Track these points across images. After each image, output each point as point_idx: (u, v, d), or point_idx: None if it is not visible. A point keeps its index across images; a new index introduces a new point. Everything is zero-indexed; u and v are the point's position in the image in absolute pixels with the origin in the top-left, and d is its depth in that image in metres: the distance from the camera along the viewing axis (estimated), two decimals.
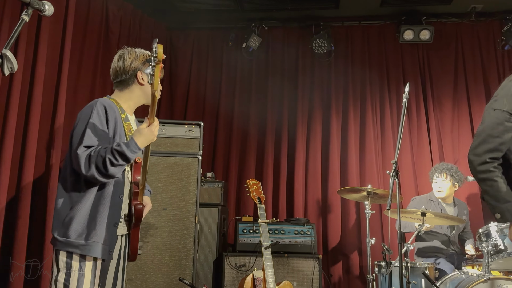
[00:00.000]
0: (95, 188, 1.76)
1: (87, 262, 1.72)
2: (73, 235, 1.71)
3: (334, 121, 4.60)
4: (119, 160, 1.69)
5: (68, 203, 1.75)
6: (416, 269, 3.13)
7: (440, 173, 3.70)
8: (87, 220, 1.73)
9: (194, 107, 4.78)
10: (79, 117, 1.82)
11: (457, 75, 4.64)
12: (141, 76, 1.95)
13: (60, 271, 1.72)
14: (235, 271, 3.58)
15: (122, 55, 1.97)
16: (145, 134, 1.75)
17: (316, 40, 4.57)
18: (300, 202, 4.46)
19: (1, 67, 1.35)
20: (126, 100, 1.96)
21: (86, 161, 1.69)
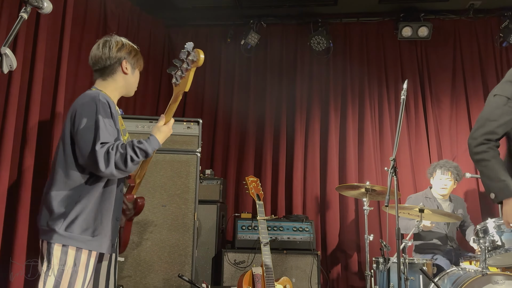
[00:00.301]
0: (101, 183, 1.75)
1: (82, 258, 1.70)
2: (78, 230, 1.69)
3: (332, 118, 4.61)
4: (140, 156, 1.71)
5: (72, 197, 1.72)
6: (414, 265, 3.15)
7: (447, 170, 3.70)
8: (94, 215, 1.72)
9: (192, 104, 4.79)
10: (80, 111, 1.77)
11: (455, 72, 4.65)
12: (125, 66, 1.93)
13: (52, 267, 1.68)
14: (234, 268, 3.60)
15: (108, 41, 1.94)
16: (164, 132, 1.79)
17: (315, 37, 4.57)
18: (299, 199, 4.47)
19: (0, 65, 1.35)
20: (111, 91, 1.93)
21: (104, 158, 1.66)
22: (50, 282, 1.67)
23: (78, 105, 1.80)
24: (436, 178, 3.78)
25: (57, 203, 1.72)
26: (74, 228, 1.69)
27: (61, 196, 1.72)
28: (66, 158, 1.76)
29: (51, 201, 1.73)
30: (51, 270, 1.68)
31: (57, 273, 1.67)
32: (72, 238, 1.69)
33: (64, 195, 1.72)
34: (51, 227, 1.70)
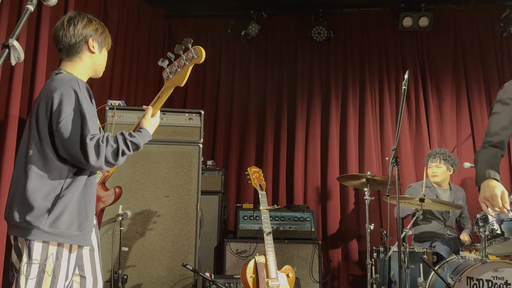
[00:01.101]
0: (84, 176, 1.67)
1: (64, 252, 1.62)
2: (63, 226, 1.60)
3: (333, 109, 4.62)
4: (131, 150, 1.66)
5: (54, 191, 1.61)
6: (414, 254, 3.19)
7: (434, 158, 3.76)
8: (78, 209, 1.65)
9: (193, 95, 4.79)
10: (59, 97, 1.62)
11: (455, 62, 4.66)
12: (92, 44, 1.80)
13: (32, 264, 1.58)
14: (236, 257, 3.64)
15: (72, 18, 1.80)
16: (153, 124, 1.76)
17: (315, 27, 4.57)
18: (300, 189, 4.50)
19: (8, 57, 1.36)
20: (80, 73, 1.80)
21: (95, 151, 1.58)
22: (33, 276, 1.58)
23: (55, 91, 1.64)
24: (428, 166, 3.83)
25: (37, 198, 1.59)
26: (59, 224, 1.60)
27: (42, 191, 1.61)
28: (44, 150, 1.64)
29: (29, 196, 1.59)
30: (32, 266, 1.58)
31: (39, 268, 1.58)
32: (57, 235, 1.60)
33: (44, 190, 1.61)
34: (31, 224, 1.58)
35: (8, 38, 1.37)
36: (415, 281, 3.14)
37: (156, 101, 1.76)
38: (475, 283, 2.81)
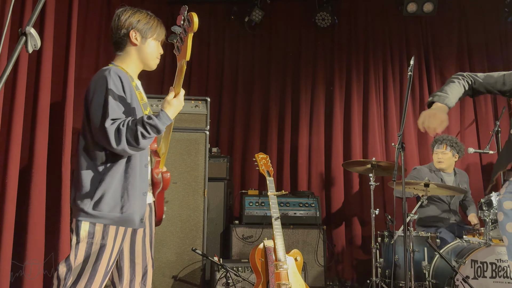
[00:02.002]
0: (123, 160, 1.74)
1: (110, 233, 1.71)
2: (106, 208, 1.70)
3: (337, 95, 4.63)
4: (151, 133, 1.67)
5: (96, 176, 1.72)
6: (419, 238, 3.24)
7: (440, 144, 3.78)
8: (120, 192, 1.72)
9: (197, 82, 4.79)
10: (93, 87, 1.74)
11: (460, 47, 4.66)
12: (135, 36, 1.84)
13: (80, 241, 1.69)
14: (243, 242, 3.69)
15: (117, 13, 1.87)
16: (175, 106, 1.73)
17: (319, 13, 4.55)
18: (304, 175, 4.54)
19: (25, 45, 1.37)
20: (128, 65, 1.88)
21: (115, 135, 1.64)
22: (81, 253, 1.69)
23: (92, 81, 1.76)
24: (434, 152, 3.85)
25: (82, 182, 1.71)
26: (102, 206, 1.70)
27: (86, 175, 1.72)
28: (86, 136, 1.75)
29: (77, 180, 1.74)
30: (81, 243, 1.70)
31: (86, 245, 1.69)
32: (101, 217, 1.70)
33: (88, 174, 1.72)
34: (79, 206, 1.71)
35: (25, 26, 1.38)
36: (420, 264, 3.19)
37: (175, 80, 1.74)
38: (479, 266, 2.86)
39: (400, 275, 3.24)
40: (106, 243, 1.71)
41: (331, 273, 4.23)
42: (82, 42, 3.62)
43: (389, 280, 3.27)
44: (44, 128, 2.83)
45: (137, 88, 1.87)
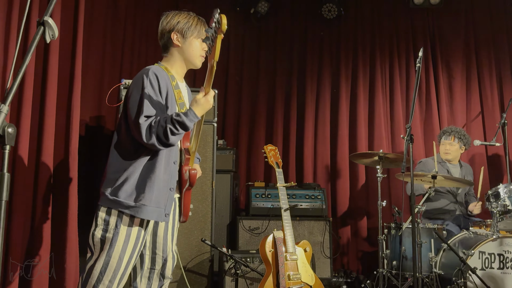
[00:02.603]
0: (150, 154, 1.81)
1: (123, 221, 1.78)
2: (123, 195, 1.77)
3: (343, 87, 4.62)
4: (179, 129, 1.74)
5: (121, 166, 1.81)
6: (426, 230, 3.25)
7: (449, 135, 3.79)
8: (137, 183, 1.78)
9: (202, 74, 4.72)
10: (132, 85, 1.85)
11: (467, 39, 4.64)
12: (176, 37, 1.93)
13: (97, 226, 1.80)
14: (249, 234, 3.71)
15: (162, 18, 1.98)
16: (202, 104, 1.79)
17: (326, 4, 4.53)
18: (309, 167, 4.54)
19: (43, 35, 1.37)
20: (172, 65, 1.97)
21: (147, 131, 1.73)
22: (96, 239, 1.79)
23: (133, 80, 1.88)
24: (441, 143, 3.86)
25: (110, 169, 1.82)
26: (120, 193, 1.77)
27: (114, 164, 1.82)
28: (121, 129, 1.86)
29: (107, 168, 1.85)
30: (97, 229, 1.80)
31: (101, 232, 1.79)
32: (116, 202, 1.77)
33: (115, 165, 1.82)
34: (102, 192, 1.82)
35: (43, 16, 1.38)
36: (426, 256, 3.21)
37: (206, 81, 1.80)
38: (487, 257, 2.87)
39: (407, 267, 3.26)
40: (119, 232, 1.77)
41: (336, 265, 4.25)
42: (88, 33, 3.60)
43: (396, 272, 3.28)
44: (51, 119, 2.83)
45: (176, 87, 1.93)
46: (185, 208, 2.01)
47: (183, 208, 2.01)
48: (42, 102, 2.84)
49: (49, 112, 2.79)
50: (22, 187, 2.55)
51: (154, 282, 1.95)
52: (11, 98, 1.22)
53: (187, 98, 2.05)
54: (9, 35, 2.56)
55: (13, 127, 1.20)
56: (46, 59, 2.88)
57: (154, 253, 1.93)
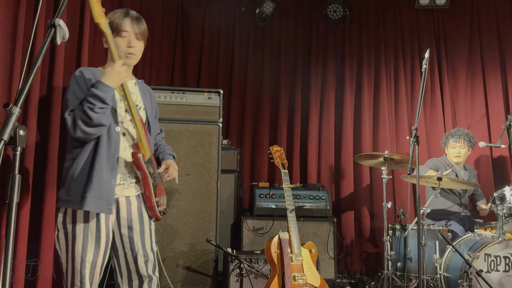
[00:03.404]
0: (90, 148, 1.85)
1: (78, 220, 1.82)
2: (70, 192, 1.82)
3: (348, 87, 4.62)
4: (95, 103, 1.77)
5: (67, 165, 1.88)
6: (431, 232, 3.25)
7: (458, 138, 3.77)
8: (80, 178, 1.82)
9: (207, 73, 4.77)
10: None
11: (472, 40, 4.63)
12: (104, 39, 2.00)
13: (58, 230, 1.85)
14: (253, 234, 3.71)
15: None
16: (108, 73, 1.82)
17: (331, 5, 4.52)
18: (313, 168, 4.54)
19: (54, 36, 1.37)
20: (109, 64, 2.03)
21: (73, 121, 1.80)
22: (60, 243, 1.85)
23: None
24: (449, 146, 3.84)
25: (63, 171, 1.90)
26: (68, 191, 1.83)
27: (65, 165, 1.90)
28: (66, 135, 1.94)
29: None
30: (58, 233, 1.86)
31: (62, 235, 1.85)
32: (66, 201, 1.83)
33: (66, 164, 1.90)
34: (57, 195, 1.91)
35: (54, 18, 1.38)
36: (431, 258, 3.21)
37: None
38: (493, 259, 2.87)
39: (411, 268, 3.26)
40: (76, 232, 1.82)
41: (340, 266, 4.25)
42: (95, 32, 3.61)
43: (400, 273, 3.28)
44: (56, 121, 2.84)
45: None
46: (149, 202, 1.99)
47: (147, 202, 1.99)
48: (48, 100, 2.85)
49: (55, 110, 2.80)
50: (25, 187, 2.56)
51: (134, 281, 1.96)
52: (23, 100, 1.22)
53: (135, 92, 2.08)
54: (15, 35, 2.56)
55: (25, 128, 1.20)
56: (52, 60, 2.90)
57: (124, 252, 1.94)
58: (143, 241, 1.96)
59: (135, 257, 1.93)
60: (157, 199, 2.02)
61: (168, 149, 2.26)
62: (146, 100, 2.11)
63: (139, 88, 2.13)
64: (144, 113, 2.06)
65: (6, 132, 1.15)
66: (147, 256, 1.96)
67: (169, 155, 2.20)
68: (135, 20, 2.00)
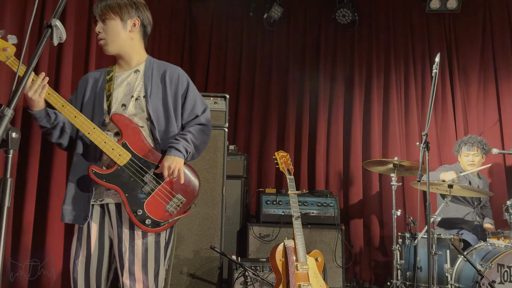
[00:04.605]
0: (71, 160, 1.84)
1: (75, 233, 1.81)
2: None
3: (356, 93, 4.55)
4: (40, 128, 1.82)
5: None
6: (442, 241, 3.15)
7: (472, 146, 3.66)
8: (66, 188, 1.82)
9: (214, 78, 4.75)
10: None
11: (484, 44, 4.54)
12: None
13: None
14: (259, 241, 3.65)
15: None
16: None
17: (340, 9, 4.47)
18: (321, 174, 4.47)
19: (51, 37, 1.34)
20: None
21: None
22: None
23: None
24: (462, 155, 3.73)
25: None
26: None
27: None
28: None
29: None
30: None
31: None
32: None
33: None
34: None
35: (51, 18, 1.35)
36: (442, 267, 3.11)
37: None
38: (506, 270, 2.77)
39: (421, 278, 3.17)
40: (73, 240, 1.81)
41: (348, 274, 4.17)
42: None
43: (410, 283, 3.19)
44: None
45: (109, 80, 1.86)
46: (129, 214, 1.71)
47: (128, 213, 1.71)
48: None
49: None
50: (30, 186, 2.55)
51: None
52: (16, 101, 1.19)
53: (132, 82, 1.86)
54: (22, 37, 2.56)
55: (17, 131, 1.17)
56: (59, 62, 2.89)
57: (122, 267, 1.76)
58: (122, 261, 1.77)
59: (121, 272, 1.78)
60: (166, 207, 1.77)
61: (176, 139, 1.82)
62: (155, 84, 1.85)
63: (145, 71, 1.87)
64: (143, 102, 1.81)
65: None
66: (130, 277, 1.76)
67: (169, 148, 1.79)
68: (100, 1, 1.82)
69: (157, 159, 1.78)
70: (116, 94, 1.83)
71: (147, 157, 1.77)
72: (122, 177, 1.73)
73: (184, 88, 1.89)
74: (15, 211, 2.59)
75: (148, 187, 1.76)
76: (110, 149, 1.73)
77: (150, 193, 1.75)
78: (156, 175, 1.77)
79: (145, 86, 1.83)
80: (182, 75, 1.91)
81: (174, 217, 1.77)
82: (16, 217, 2.58)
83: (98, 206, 1.80)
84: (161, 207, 1.75)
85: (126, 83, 1.85)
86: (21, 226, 2.59)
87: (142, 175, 1.76)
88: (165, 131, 1.83)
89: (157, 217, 1.74)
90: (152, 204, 1.74)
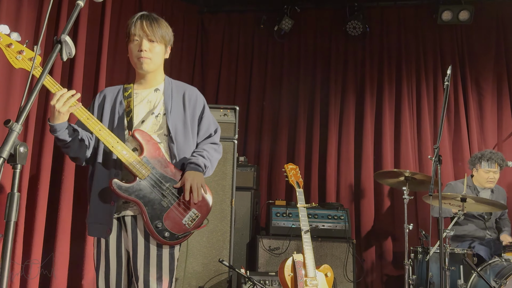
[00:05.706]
0: (92, 173, 1.88)
1: (96, 244, 1.87)
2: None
3: (368, 105, 4.52)
4: (58, 143, 1.82)
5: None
6: (455, 256, 3.09)
7: (494, 163, 3.55)
8: (88, 203, 1.86)
9: (225, 90, 4.78)
10: None
11: (497, 56, 4.48)
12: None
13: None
14: (269, 254, 3.62)
15: None
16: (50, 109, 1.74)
17: (351, 21, 4.47)
18: (332, 186, 4.43)
19: (60, 53, 1.36)
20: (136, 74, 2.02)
21: None
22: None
23: None
24: (481, 170, 3.61)
25: None
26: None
27: None
28: None
29: None
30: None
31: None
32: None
33: None
34: None
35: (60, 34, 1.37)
36: (455, 283, 3.04)
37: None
38: None
39: None
40: (95, 253, 1.87)
41: None
42: (114, 49, 3.66)
43: None
44: None
45: (128, 96, 1.92)
46: (147, 227, 1.75)
47: (147, 226, 1.75)
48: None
49: None
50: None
51: None
52: (24, 117, 1.20)
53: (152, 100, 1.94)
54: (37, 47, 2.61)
55: (25, 146, 1.18)
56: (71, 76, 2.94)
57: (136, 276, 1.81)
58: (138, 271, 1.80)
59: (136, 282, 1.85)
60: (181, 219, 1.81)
61: (193, 155, 1.92)
62: (175, 103, 1.93)
63: (165, 90, 1.95)
64: (162, 119, 1.89)
65: (6, 150, 1.13)
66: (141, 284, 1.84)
67: (189, 164, 1.86)
68: (147, 21, 1.86)
69: (175, 173, 1.85)
70: (137, 111, 1.91)
71: (166, 172, 1.84)
72: (142, 190, 1.78)
73: (201, 109, 2.00)
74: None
75: (166, 201, 1.81)
76: (133, 163, 1.79)
77: (169, 207, 1.80)
78: (174, 189, 1.83)
79: (165, 104, 1.92)
80: (199, 97, 2.02)
81: (190, 230, 1.83)
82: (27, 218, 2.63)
83: (115, 219, 1.85)
84: (179, 221, 1.81)
85: (146, 101, 1.94)
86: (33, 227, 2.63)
87: (162, 189, 1.81)
88: (182, 148, 1.91)
89: (175, 230, 1.79)
90: (170, 218, 1.79)
